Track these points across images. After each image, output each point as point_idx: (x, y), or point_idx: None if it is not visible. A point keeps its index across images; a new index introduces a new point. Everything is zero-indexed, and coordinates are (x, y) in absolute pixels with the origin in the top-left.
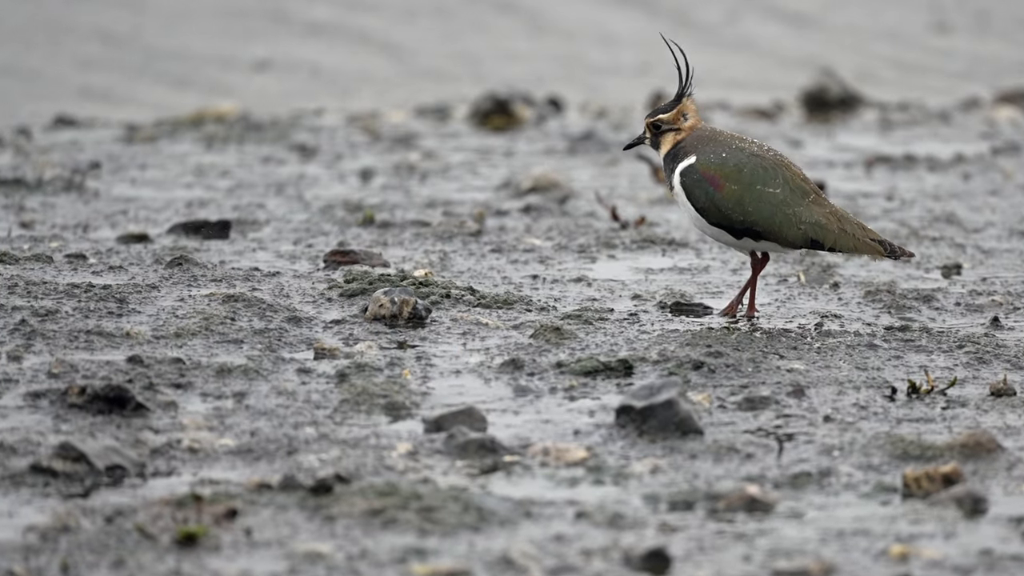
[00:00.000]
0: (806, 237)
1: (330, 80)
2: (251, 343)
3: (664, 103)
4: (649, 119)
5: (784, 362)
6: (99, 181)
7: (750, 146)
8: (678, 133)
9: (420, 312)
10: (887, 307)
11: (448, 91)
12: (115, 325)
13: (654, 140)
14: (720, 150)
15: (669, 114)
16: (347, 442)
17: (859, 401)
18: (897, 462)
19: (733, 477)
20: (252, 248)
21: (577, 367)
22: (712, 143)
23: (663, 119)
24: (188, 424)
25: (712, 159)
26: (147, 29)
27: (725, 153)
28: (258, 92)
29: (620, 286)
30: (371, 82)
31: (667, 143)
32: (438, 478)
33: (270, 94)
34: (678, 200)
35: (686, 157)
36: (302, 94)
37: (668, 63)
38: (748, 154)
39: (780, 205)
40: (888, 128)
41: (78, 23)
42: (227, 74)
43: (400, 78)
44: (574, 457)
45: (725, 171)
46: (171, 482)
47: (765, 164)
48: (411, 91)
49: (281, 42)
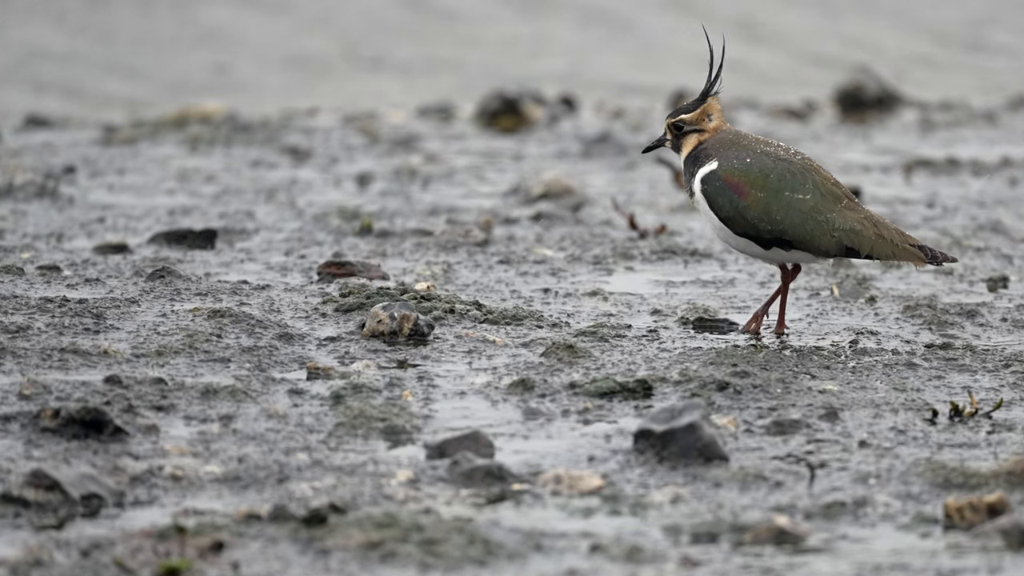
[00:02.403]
0: (840, 245)
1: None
2: (239, 362)
3: (687, 102)
4: (670, 119)
5: (816, 383)
6: (74, 187)
7: (776, 150)
8: (701, 135)
9: (422, 328)
10: (927, 323)
11: (452, 88)
12: (92, 342)
13: (675, 142)
14: (744, 155)
15: (692, 114)
16: (343, 469)
17: (897, 425)
18: (938, 491)
19: (761, 507)
20: (240, 259)
21: (592, 388)
22: (735, 147)
23: (685, 119)
24: (170, 450)
25: (736, 164)
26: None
27: (749, 158)
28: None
29: (638, 300)
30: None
31: (688, 145)
32: (441, 508)
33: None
34: (699, 208)
35: (707, 162)
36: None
37: (691, 58)
38: (775, 158)
39: (811, 212)
40: (929, 129)
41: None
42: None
43: (401, 75)
44: (588, 485)
45: (750, 177)
46: (152, 513)
47: (793, 169)
48: (413, 88)
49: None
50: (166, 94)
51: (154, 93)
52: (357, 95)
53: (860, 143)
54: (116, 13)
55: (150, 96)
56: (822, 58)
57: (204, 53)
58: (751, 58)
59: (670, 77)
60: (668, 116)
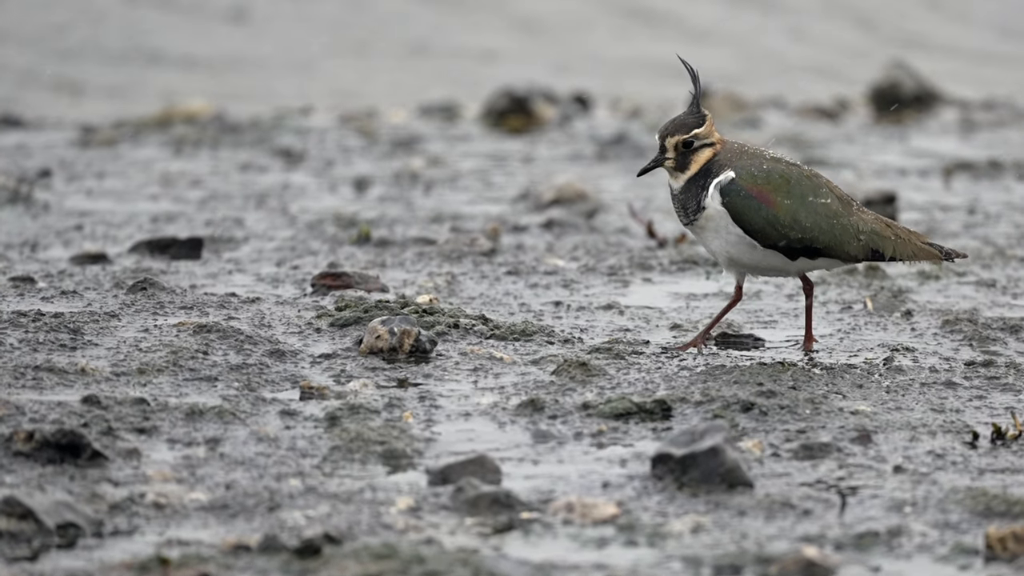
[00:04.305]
0: (866, 248)
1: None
2: (227, 381)
3: (685, 115)
4: (678, 136)
5: (848, 403)
6: (50, 192)
7: (779, 158)
8: (714, 148)
9: (424, 345)
10: (968, 339)
11: (456, 86)
12: (68, 360)
13: (681, 161)
14: (757, 162)
15: (704, 127)
16: (338, 496)
17: (935, 449)
18: (979, 519)
19: (788, 537)
20: (228, 270)
21: (607, 409)
22: (746, 156)
23: (699, 133)
24: (153, 475)
25: (754, 172)
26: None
27: (765, 165)
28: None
29: (657, 314)
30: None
31: (699, 162)
32: (444, 538)
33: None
34: (709, 227)
35: (720, 172)
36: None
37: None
38: (785, 163)
39: (837, 216)
40: (970, 130)
41: None
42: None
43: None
44: (603, 514)
45: (773, 184)
46: (133, 543)
47: (804, 173)
48: (413, 86)
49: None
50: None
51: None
52: (351, 92)
53: (896, 145)
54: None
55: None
56: (853, 50)
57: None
58: (778, 51)
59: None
60: (669, 133)
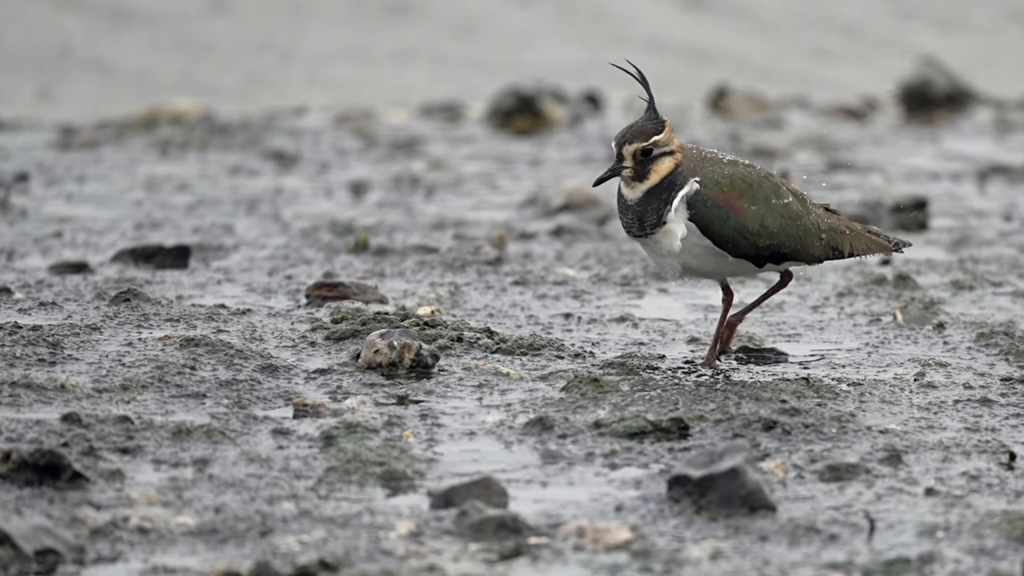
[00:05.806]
0: (828, 247)
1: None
2: (215, 398)
3: (643, 122)
4: (636, 144)
5: (876, 421)
6: (27, 197)
7: (734, 159)
8: (674, 156)
9: (425, 359)
10: (1004, 353)
11: (459, 85)
12: (47, 375)
13: (640, 170)
14: (719, 168)
15: (664, 133)
16: (334, 520)
17: (969, 470)
18: (1016, 544)
19: (813, 564)
20: (217, 280)
21: (620, 428)
22: (704, 162)
23: (659, 140)
24: (137, 498)
25: (718, 179)
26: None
27: (726, 169)
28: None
29: (673, 327)
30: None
31: (660, 172)
32: (447, 565)
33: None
34: (665, 241)
35: (684, 183)
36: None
37: (726, 55)
38: (743, 165)
39: (799, 217)
40: (1006, 131)
41: None
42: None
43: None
44: (616, 539)
45: (737, 189)
46: (116, 570)
47: (762, 173)
48: (414, 85)
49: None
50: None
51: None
52: (351, 92)
53: (927, 147)
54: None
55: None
56: (882, 44)
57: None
58: (797, 48)
59: (697, 71)
60: (626, 141)
